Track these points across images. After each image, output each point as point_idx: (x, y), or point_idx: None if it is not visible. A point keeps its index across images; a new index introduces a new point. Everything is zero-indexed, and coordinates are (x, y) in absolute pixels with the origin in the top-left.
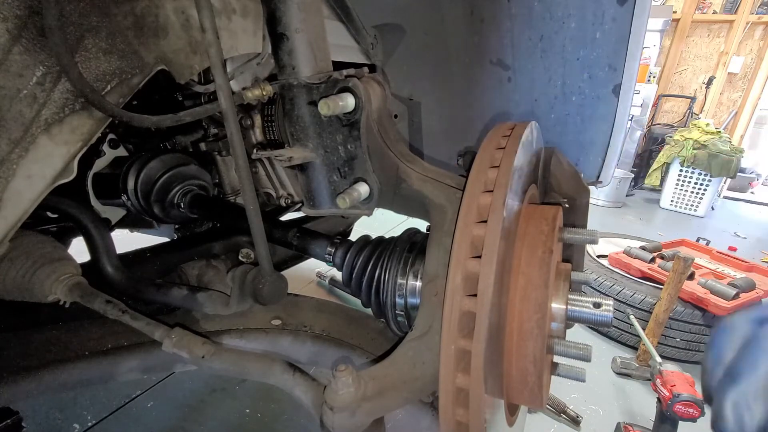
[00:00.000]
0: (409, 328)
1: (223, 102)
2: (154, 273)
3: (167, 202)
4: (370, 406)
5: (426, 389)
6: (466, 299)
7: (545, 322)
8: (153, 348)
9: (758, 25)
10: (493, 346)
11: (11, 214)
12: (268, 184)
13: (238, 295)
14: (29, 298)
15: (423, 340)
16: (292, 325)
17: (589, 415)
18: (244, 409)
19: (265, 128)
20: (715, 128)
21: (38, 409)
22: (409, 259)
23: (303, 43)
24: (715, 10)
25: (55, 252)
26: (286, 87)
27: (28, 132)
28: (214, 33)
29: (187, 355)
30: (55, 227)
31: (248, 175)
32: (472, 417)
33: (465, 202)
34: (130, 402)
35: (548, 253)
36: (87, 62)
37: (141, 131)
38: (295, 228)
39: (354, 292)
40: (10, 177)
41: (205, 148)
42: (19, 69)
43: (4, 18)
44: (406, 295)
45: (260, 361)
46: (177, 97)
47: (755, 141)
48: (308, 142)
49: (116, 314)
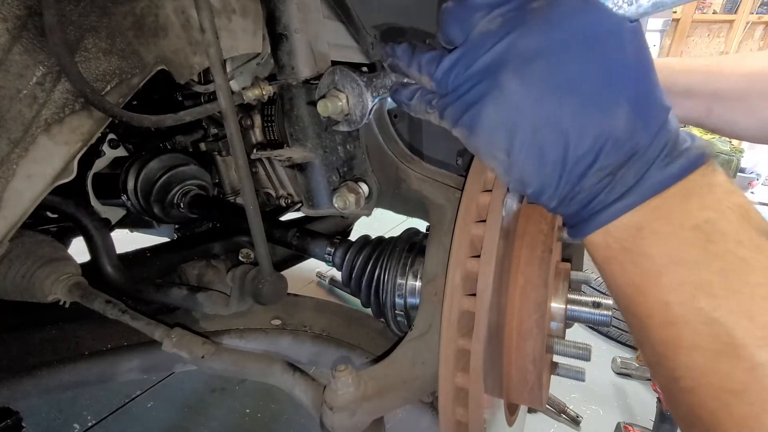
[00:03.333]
0: (408, 328)
1: (222, 102)
2: (154, 273)
3: (167, 202)
4: (370, 406)
5: (426, 389)
6: (465, 298)
7: (545, 321)
8: (153, 348)
9: (758, 25)
10: (493, 346)
11: (11, 214)
12: (267, 184)
13: (238, 295)
14: (29, 298)
15: (423, 339)
16: (292, 325)
17: (589, 415)
18: (244, 409)
19: (264, 128)
20: None
21: (38, 409)
22: (409, 259)
23: (302, 43)
24: (715, 10)
25: (55, 252)
26: (286, 87)
27: (28, 132)
28: (213, 33)
29: (187, 355)
30: (55, 227)
31: (248, 175)
32: (472, 416)
33: (464, 202)
34: (130, 402)
35: (547, 253)
36: (87, 62)
37: (141, 131)
38: (294, 228)
39: (354, 292)
40: (10, 177)
41: (205, 148)
42: (19, 69)
43: (4, 18)
44: (405, 295)
45: (260, 361)
46: (177, 97)
47: None
48: (307, 142)
49: (116, 314)
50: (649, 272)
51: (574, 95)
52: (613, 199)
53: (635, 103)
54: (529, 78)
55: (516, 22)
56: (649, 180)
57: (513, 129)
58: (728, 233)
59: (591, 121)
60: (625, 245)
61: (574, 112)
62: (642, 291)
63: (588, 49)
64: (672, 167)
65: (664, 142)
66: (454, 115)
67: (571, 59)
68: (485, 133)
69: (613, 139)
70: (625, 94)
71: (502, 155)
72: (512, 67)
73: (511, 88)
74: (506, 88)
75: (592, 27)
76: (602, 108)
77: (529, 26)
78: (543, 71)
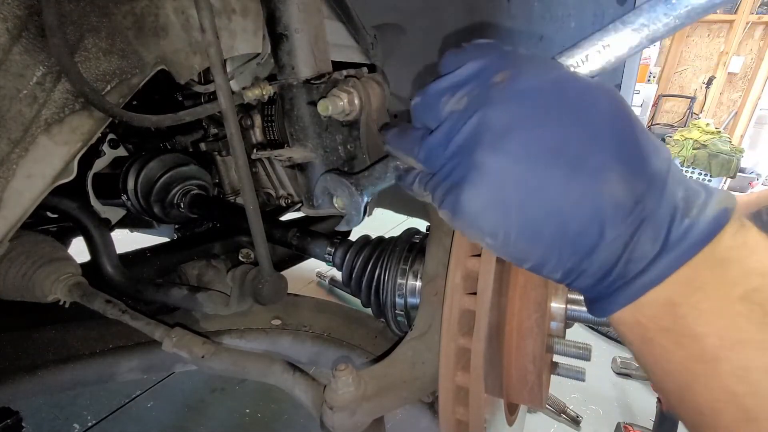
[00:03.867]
0: (408, 328)
1: (222, 102)
2: (154, 273)
3: (167, 202)
4: (370, 405)
5: (426, 389)
6: (465, 297)
7: (545, 321)
8: (153, 348)
9: (758, 25)
10: (493, 345)
11: (11, 214)
12: (268, 184)
13: (238, 295)
14: (29, 298)
15: (423, 339)
16: (292, 325)
17: (589, 415)
18: (244, 409)
19: (264, 128)
20: (715, 128)
21: (38, 409)
22: (409, 259)
23: (303, 43)
24: (715, 11)
25: (55, 252)
26: (286, 87)
27: (28, 132)
28: (213, 33)
29: (187, 355)
30: (55, 227)
31: (248, 175)
32: (472, 415)
33: None
34: (130, 402)
35: None
36: (87, 62)
37: (141, 131)
38: (294, 228)
39: (354, 292)
40: (10, 177)
41: (205, 148)
42: (19, 69)
43: (4, 18)
44: (405, 294)
45: (260, 361)
46: (177, 97)
47: (755, 141)
48: (308, 142)
49: (116, 314)
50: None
51: (558, 164)
52: (634, 273)
53: (627, 162)
54: (505, 152)
55: (483, 99)
56: (672, 248)
57: (497, 208)
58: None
59: (583, 189)
60: (662, 324)
61: (562, 182)
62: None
63: (562, 114)
64: (696, 230)
65: (676, 198)
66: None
67: (547, 126)
68: (469, 216)
69: (614, 206)
70: (612, 154)
71: (489, 239)
72: (487, 143)
73: (488, 165)
74: (483, 166)
75: (560, 91)
76: (591, 173)
77: (497, 100)
78: (519, 143)
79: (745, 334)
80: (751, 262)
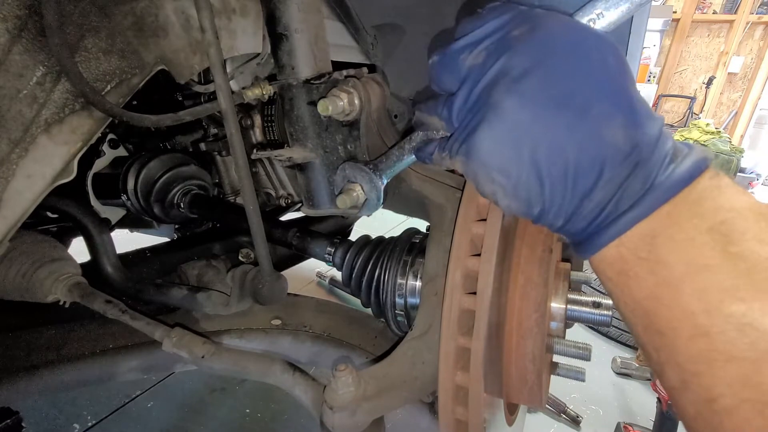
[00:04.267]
0: (409, 328)
1: (222, 102)
2: (154, 273)
3: (167, 202)
4: (370, 405)
5: (426, 389)
6: (465, 297)
7: (545, 321)
8: (153, 348)
9: (758, 25)
10: (493, 345)
11: (11, 214)
12: (267, 184)
13: (238, 295)
14: (29, 298)
15: (423, 339)
16: (292, 325)
17: (589, 415)
18: (244, 409)
19: (264, 128)
20: (715, 128)
21: (38, 409)
22: (409, 259)
23: (303, 43)
24: (715, 10)
25: (55, 252)
26: (286, 87)
27: (28, 132)
28: (213, 33)
29: (187, 355)
30: (55, 227)
31: (248, 175)
32: (472, 415)
33: (464, 201)
34: (130, 402)
35: (548, 252)
36: (87, 62)
37: (141, 131)
38: (294, 228)
39: (354, 292)
40: (10, 177)
41: (205, 148)
42: (19, 69)
43: (4, 18)
44: (405, 294)
45: (260, 361)
46: (177, 97)
47: (755, 141)
48: (308, 142)
49: (116, 314)
50: (668, 281)
51: (568, 110)
52: (623, 210)
53: (629, 113)
54: (521, 94)
55: (502, 50)
56: (658, 187)
57: (510, 146)
58: (747, 232)
59: (589, 135)
60: (640, 255)
61: (571, 127)
62: (663, 302)
63: (575, 65)
64: (679, 172)
65: (666, 148)
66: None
67: (561, 75)
68: (483, 154)
69: (614, 150)
70: (617, 105)
71: (501, 177)
72: (503, 86)
73: (504, 106)
74: (500, 106)
75: (576, 43)
76: (598, 120)
77: (516, 49)
78: (534, 87)
79: (708, 260)
80: (721, 200)
